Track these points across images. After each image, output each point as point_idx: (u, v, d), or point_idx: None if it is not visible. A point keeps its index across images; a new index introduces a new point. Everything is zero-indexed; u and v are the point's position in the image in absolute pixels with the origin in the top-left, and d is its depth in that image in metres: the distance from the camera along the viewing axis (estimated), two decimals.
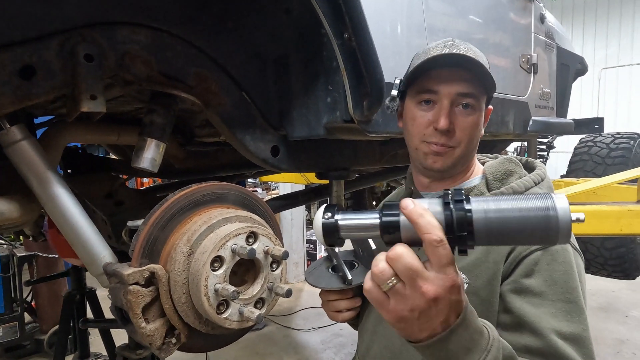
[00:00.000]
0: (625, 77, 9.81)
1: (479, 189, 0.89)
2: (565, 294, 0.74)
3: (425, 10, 1.61)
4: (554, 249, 0.77)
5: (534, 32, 2.34)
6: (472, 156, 0.93)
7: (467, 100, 0.84)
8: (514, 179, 0.89)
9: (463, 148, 0.87)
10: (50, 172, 1.00)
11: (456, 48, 0.85)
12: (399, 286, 0.54)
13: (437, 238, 0.52)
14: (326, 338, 3.96)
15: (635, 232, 1.83)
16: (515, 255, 0.78)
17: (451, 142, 0.86)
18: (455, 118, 0.85)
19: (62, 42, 0.94)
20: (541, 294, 0.75)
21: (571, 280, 0.76)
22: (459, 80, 0.84)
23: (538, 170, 0.92)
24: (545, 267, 0.76)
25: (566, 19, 10.51)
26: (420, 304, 0.53)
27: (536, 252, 0.77)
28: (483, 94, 0.87)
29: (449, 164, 0.88)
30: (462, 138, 0.86)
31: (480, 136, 0.91)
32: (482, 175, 0.93)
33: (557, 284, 0.75)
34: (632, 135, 3.04)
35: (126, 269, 0.82)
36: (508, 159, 0.94)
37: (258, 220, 0.95)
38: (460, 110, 0.85)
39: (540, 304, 0.74)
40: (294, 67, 1.32)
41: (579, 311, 0.74)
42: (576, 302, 0.74)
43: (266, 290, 0.91)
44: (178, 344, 0.87)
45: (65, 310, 2.09)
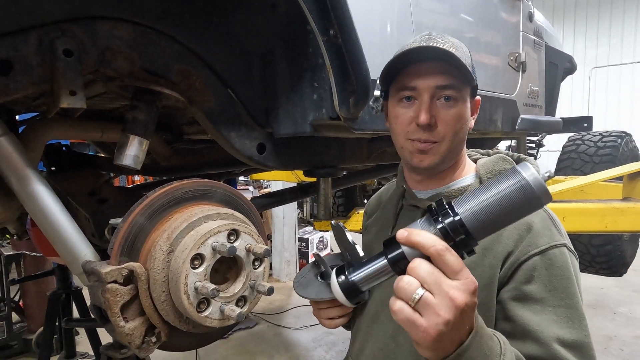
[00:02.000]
0: (615, 77, 9.90)
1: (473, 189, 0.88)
2: (565, 300, 0.74)
3: (412, 8, 1.61)
4: (552, 253, 0.76)
5: (523, 31, 2.35)
6: (460, 151, 0.90)
7: (448, 93, 0.82)
8: None
9: (448, 142, 0.85)
10: (29, 169, 0.98)
11: (432, 41, 0.84)
12: (427, 296, 0.52)
13: (442, 247, 0.53)
14: (317, 336, 3.96)
15: (620, 229, 1.84)
16: (512, 261, 0.77)
17: (434, 137, 0.84)
18: (437, 112, 0.83)
19: (40, 36, 0.92)
20: (542, 300, 0.74)
21: (571, 285, 0.75)
22: (437, 73, 0.82)
23: None
24: (544, 272, 0.75)
25: (557, 18, 10.58)
26: (453, 313, 0.52)
27: (534, 258, 0.76)
28: (465, 84, 0.84)
29: (435, 161, 0.86)
30: (446, 132, 0.84)
31: (469, 129, 0.89)
32: (475, 174, 0.92)
33: (558, 289, 0.75)
34: (619, 133, 3.07)
35: (104, 267, 0.81)
36: (501, 157, 0.92)
37: (240, 217, 0.95)
38: (442, 103, 0.83)
39: (542, 310, 0.74)
40: (280, 63, 1.31)
41: (579, 317, 0.74)
42: (576, 307, 0.74)
43: (248, 288, 0.90)
44: (158, 343, 0.86)
45: (51, 310, 2.06)
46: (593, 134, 3.17)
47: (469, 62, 0.85)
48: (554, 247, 0.77)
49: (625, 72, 9.74)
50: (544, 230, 0.79)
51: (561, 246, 0.78)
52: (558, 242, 0.78)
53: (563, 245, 0.79)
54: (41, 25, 0.92)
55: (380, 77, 0.89)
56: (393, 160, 2.09)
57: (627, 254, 2.97)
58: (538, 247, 0.77)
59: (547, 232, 0.79)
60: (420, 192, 0.94)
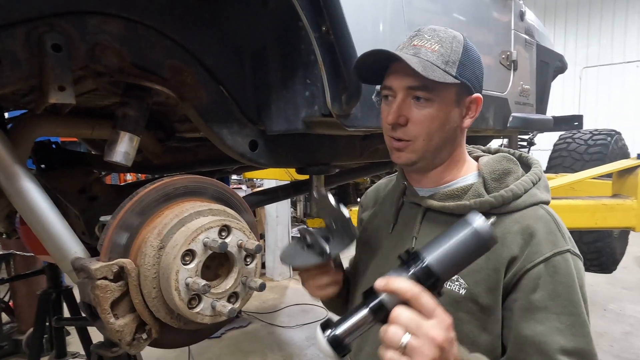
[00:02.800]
0: (606, 76, 10.00)
1: (477, 190, 0.85)
2: (569, 307, 0.75)
3: (405, 6, 1.61)
4: (556, 260, 0.77)
5: (514, 29, 2.36)
6: (448, 150, 0.89)
7: (418, 93, 0.82)
8: (512, 179, 0.86)
9: (423, 142, 0.84)
10: (17, 166, 0.97)
11: (417, 38, 0.84)
12: (412, 341, 0.58)
13: (417, 290, 0.60)
14: (311, 335, 3.95)
15: (610, 226, 1.86)
16: (518, 269, 0.78)
17: (406, 136, 0.85)
18: (409, 111, 0.83)
19: (28, 31, 0.91)
20: (546, 308, 0.75)
21: (574, 293, 0.76)
22: (409, 73, 0.81)
23: (535, 169, 0.89)
24: (549, 279, 0.76)
25: (549, 18, 10.66)
26: (436, 350, 0.58)
27: (538, 266, 0.76)
28: (443, 84, 0.81)
29: (412, 159, 0.86)
30: (418, 131, 0.84)
31: (459, 128, 0.87)
32: (477, 173, 0.91)
33: (561, 296, 0.76)
34: (609, 132, 3.10)
35: (94, 264, 0.80)
36: (505, 156, 0.91)
37: (232, 213, 0.94)
38: (415, 103, 0.83)
39: (546, 318, 0.75)
40: (272, 60, 1.30)
41: (582, 324, 0.75)
42: (579, 315, 0.75)
43: (240, 284, 0.90)
44: (149, 340, 0.86)
45: (41, 309, 2.04)
46: (583, 132, 3.20)
47: (455, 58, 0.82)
48: (558, 254, 0.78)
49: (615, 72, 9.85)
50: (548, 235, 0.79)
51: (565, 252, 0.78)
52: (562, 249, 0.78)
53: (567, 252, 0.79)
54: (29, 20, 0.91)
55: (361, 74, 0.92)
56: (386, 158, 2.08)
57: (617, 251, 3.00)
58: (542, 254, 0.77)
59: (551, 237, 0.79)
60: (421, 189, 0.93)
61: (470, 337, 0.79)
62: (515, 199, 0.82)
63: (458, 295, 0.80)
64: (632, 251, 5.64)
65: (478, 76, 0.87)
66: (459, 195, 0.87)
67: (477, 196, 0.84)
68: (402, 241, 0.92)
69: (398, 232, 0.95)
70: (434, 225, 0.89)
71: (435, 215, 0.89)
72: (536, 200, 0.84)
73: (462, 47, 0.85)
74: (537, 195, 0.84)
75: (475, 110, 0.88)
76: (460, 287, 0.80)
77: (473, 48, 0.87)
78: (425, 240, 0.85)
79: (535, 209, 0.83)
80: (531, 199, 0.83)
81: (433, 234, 0.86)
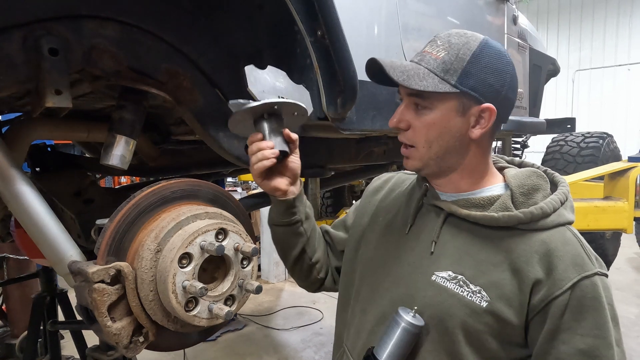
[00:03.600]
0: (598, 79, 10.12)
1: (504, 202, 0.84)
2: (594, 330, 0.75)
3: (399, 10, 1.63)
4: (583, 284, 0.76)
5: (507, 33, 2.39)
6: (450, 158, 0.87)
7: (416, 100, 0.84)
8: (541, 196, 0.85)
9: (424, 148, 0.85)
10: (13, 169, 0.97)
11: (430, 44, 0.85)
12: None
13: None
14: (306, 337, 3.95)
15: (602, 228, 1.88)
16: (545, 295, 0.77)
17: (407, 140, 0.87)
18: (411, 117, 0.86)
19: (25, 34, 0.91)
20: (570, 329, 0.76)
21: (600, 316, 0.76)
22: None
23: (562, 188, 0.88)
24: (575, 303, 0.76)
25: (542, 22, 10.77)
26: None
27: (566, 293, 0.76)
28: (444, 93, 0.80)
29: (416, 165, 0.88)
30: (417, 138, 0.85)
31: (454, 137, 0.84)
32: (504, 185, 0.89)
33: (587, 319, 0.76)
34: (601, 134, 3.14)
35: (91, 267, 0.80)
36: (535, 171, 0.89)
37: (228, 216, 0.95)
38: (415, 109, 0.85)
39: (570, 338, 0.76)
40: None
41: (607, 347, 0.75)
42: (605, 338, 0.75)
43: (236, 287, 0.90)
44: (146, 343, 0.86)
45: (35, 313, 2.03)
46: (576, 135, 3.24)
47: (459, 66, 0.80)
48: (586, 278, 0.77)
49: (607, 75, 9.96)
50: (575, 259, 0.78)
51: (592, 276, 0.78)
52: (589, 272, 0.78)
53: (594, 275, 0.78)
54: (26, 24, 0.91)
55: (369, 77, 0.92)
56: (381, 161, 2.10)
57: (609, 252, 3.03)
58: (570, 280, 0.76)
59: (578, 261, 0.78)
60: (443, 193, 0.92)
61: (487, 346, 0.80)
62: (544, 218, 0.81)
63: (479, 307, 0.79)
64: (624, 252, 5.70)
65: (493, 84, 0.81)
66: (483, 205, 0.85)
67: (504, 209, 0.83)
68: (419, 245, 0.91)
69: (415, 234, 0.93)
70: (455, 232, 0.87)
71: (458, 221, 0.88)
72: (563, 221, 0.83)
73: (470, 54, 0.81)
74: (564, 216, 0.83)
75: (489, 120, 0.83)
76: (482, 299, 0.80)
77: (492, 54, 0.82)
78: (445, 246, 0.87)
79: (563, 230, 0.82)
80: (559, 219, 0.82)
81: (455, 240, 0.86)
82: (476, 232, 0.85)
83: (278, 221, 1.03)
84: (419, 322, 0.81)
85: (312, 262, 1.08)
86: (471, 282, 0.81)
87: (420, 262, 0.89)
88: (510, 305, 0.79)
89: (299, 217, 1.03)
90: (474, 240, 0.85)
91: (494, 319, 0.79)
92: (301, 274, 1.10)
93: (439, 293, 0.84)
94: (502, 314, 0.79)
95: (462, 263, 0.84)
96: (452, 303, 0.82)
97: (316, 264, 1.09)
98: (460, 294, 0.81)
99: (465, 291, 0.81)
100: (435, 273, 0.85)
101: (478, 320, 0.79)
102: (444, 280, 0.84)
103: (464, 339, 0.80)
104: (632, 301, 4.64)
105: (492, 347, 0.80)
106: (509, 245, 0.82)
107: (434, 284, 0.85)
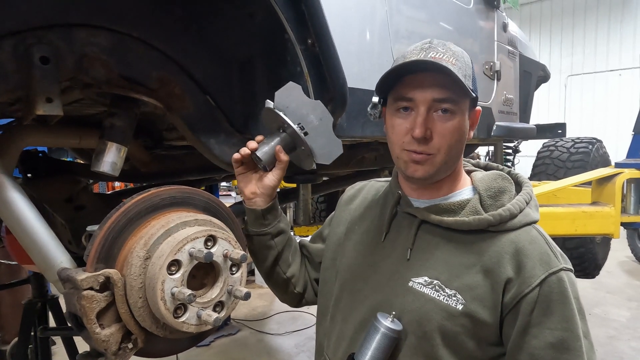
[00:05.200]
0: (590, 84, 10.24)
1: (474, 206, 0.87)
2: (562, 323, 0.78)
3: (390, 17, 1.65)
4: (550, 280, 0.79)
5: (497, 40, 2.42)
6: (457, 162, 0.91)
7: (445, 106, 0.82)
8: (507, 198, 0.88)
9: (443, 155, 0.85)
10: (4, 175, 0.97)
11: (432, 51, 0.83)
12: None
13: None
14: (300, 342, 3.95)
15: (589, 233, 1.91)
16: (515, 293, 0.80)
17: (430, 150, 0.84)
18: (434, 124, 0.83)
19: (16, 43, 0.92)
20: (540, 324, 0.78)
21: (567, 309, 0.79)
22: (435, 85, 0.82)
23: (526, 189, 0.92)
24: (544, 299, 0.79)
25: (534, 28, 10.89)
26: None
27: (534, 290, 0.79)
28: (463, 96, 0.84)
29: (430, 172, 0.86)
30: (442, 144, 0.84)
31: (466, 140, 0.89)
32: (472, 188, 0.92)
33: (555, 313, 0.78)
34: (590, 140, 3.17)
35: (80, 274, 0.80)
36: (500, 174, 0.93)
37: (218, 223, 0.95)
38: (438, 115, 0.83)
39: (540, 332, 0.78)
40: (259, 70, 1.33)
41: (575, 339, 0.78)
42: (572, 330, 0.78)
43: (225, 293, 0.91)
44: (135, 349, 0.86)
45: (26, 319, 2.02)
46: (566, 140, 3.28)
47: (469, 72, 0.85)
48: (552, 274, 0.80)
49: (598, 80, 10.08)
50: (542, 256, 0.81)
51: (558, 272, 0.81)
52: (555, 268, 0.81)
53: (560, 270, 0.81)
54: (17, 32, 0.92)
55: (377, 85, 0.89)
56: (372, 166, 2.12)
57: (599, 257, 3.06)
58: (538, 277, 0.79)
59: (545, 258, 0.81)
60: (416, 200, 0.94)
61: (463, 346, 0.82)
62: (512, 219, 0.85)
63: (455, 310, 0.81)
64: (616, 256, 5.76)
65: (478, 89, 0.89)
66: (454, 210, 0.88)
67: (474, 213, 0.86)
68: (395, 252, 0.93)
69: (391, 241, 0.95)
70: (429, 238, 0.89)
71: (431, 227, 0.90)
72: (529, 220, 0.86)
73: (470, 61, 0.87)
74: (530, 215, 0.87)
75: (475, 123, 0.92)
76: (458, 302, 0.82)
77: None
78: (420, 252, 0.89)
79: (529, 229, 0.86)
80: (525, 218, 0.86)
81: (429, 246, 0.89)
82: (449, 237, 0.88)
83: (249, 230, 1.07)
84: (397, 326, 0.83)
85: (286, 276, 1.09)
86: (446, 286, 0.83)
87: (396, 269, 0.91)
88: (484, 306, 0.81)
89: (269, 230, 1.06)
90: (447, 245, 0.87)
91: (470, 321, 0.81)
92: (278, 287, 1.12)
93: (416, 299, 0.85)
94: (477, 315, 0.81)
95: (437, 268, 0.86)
96: (429, 308, 0.83)
97: (291, 278, 1.10)
98: (436, 298, 0.83)
99: (441, 295, 0.83)
100: (412, 279, 0.87)
101: (455, 322, 0.81)
102: (420, 286, 0.86)
103: (441, 341, 0.82)
104: (623, 304, 4.68)
105: (468, 347, 0.82)
106: (480, 248, 0.84)
107: (411, 290, 0.87)
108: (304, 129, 1.01)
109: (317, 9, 1.15)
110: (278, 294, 1.15)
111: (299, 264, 1.13)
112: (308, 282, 1.14)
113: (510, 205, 0.86)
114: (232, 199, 6.65)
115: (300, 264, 1.14)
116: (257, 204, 1.04)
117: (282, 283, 1.10)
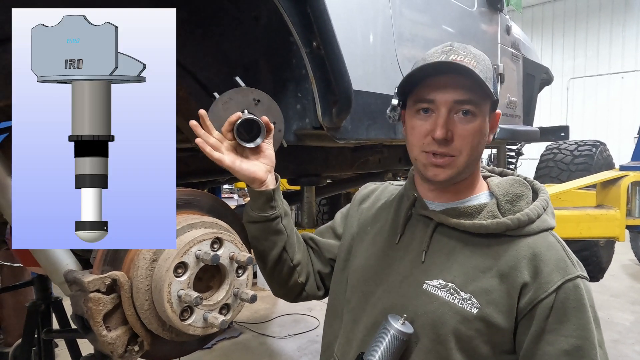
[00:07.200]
0: (592, 87, 10.23)
1: (491, 210, 0.87)
2: (577, 331, 0.78)
3: (393, 20, 1.66)
4: (566, 287, 0.79)
5: (501, 43, 2.42)
6: (477, 165, 0.90)
7: (466, 107, 0.82)
8: (524, 204, 0.88)
9: (465, 156, 0.84)
10: (8, 177, 0.98)
11: (453, 53, 0.83)
12: None
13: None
14: (302, 345, 3.94)
15: (594, 236, 1.90)
16: (531, 298, 0.80)
17: (451, 151, 0.84)
18: (454, 126, 0.83)
19: None
20: (555, 331, 0.78)
21: (583, 317, 0.79)
22: (456, 87, 0.82)
23: (543, 195, 0.91)
24: (559, 305, 0.78)
25: (536, 31, 10.89)
26: None
27: (550, 296, 0.79)
28: (484, 98, 0.84)
29: (451, 175, 0.86)
30: (463, 146, 0.83)
31: (487, 143, 0.89)
32: (489, 193, 0.92)
33: (570, 321, 0.78)
34: (594, 142, 3.16)
35: (87, 276, 0.81)
36: (517, 180, 0.93)
37: (224, 226, 0.95)
38: (459, 117, 0.83)
39: (555, 340, 0.78)
40: (264, 73, 1.33)
41: (590, 347, 0.78)
42: (587, 338, 0.78)
43: (231, 296, 0.91)
44: (141, 352, 0.86)
45: (29, 321, 2.02)
46: (569, 143, 3.27)
47: (490, 75, 0.85)
48: (568, 281, 0.80)
49: (601, 83, 10.08)
50: (559, 263, 0.81)
51: (575, 279, 0.80)
52: (571, 275, 0.80)
53: (577, 277, 0.81)
54: None
55: (398, 87, 0.89)
56: (376, 169, 2.12)
57: (603, 260, 3.05)
58: (554, 283, 0.79)
59: (561, 264, 0.81)
60: (432, 202, 0.93)
61: (478, 351, 0.81)
62: (530, 224, 0.85)
63: (470, 314, 0.81)
64: (619, 259, 5.74)
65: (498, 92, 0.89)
66: (472, 214, 0.87)
67: (492, 217, 0.86)
68: (410, 254, 0.92)
69: (405, 244, 0.94)
70: (445, 240, 0.89)
71: (447, 230, 0.89)
72: (546, 227, 0.86)
73: (490, 63, 0.87)
74: (547, 222, 0.87)
75: (496, 126, 0.91)
76: (473, 306, 0.81)
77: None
78: (435, 255, 0.88)
79: (546, 235, 0.85)
80: (542, 224, 0.86)
81: (444, 249, 0.88)
82: (465, 240, 0.87)
83: (256, 217, 0.98)
84: (407, 329, 0.82)
85: (293, 264, 1.03)
86: (461, 290, 0.83)
87: (411, 272, 0.90)
88: (499, 311, 0.80)
89: (279, 212, 0.99)
90: (463, 249, 0.87)
91: (485, 325, 0.80)
92: (280, 278, 1.05)
93: (431, 301, 0.85)
94: (492, 320, 0.80)
95: (452, 271, 0.85)
96: (443, 311, 0.83)
97: (297, 266, 1.04)
98: (451, 301, 0.83)
99: (456, 299, 0.83)
100: (426, 282, 0.87)
101: (469, 326, 0.81)
102: (435, 289, 0.85)
103: (455, 345, 0.81)
104: (627, 308, 4.66)
105: (483, 352, 0.81)
106: (497, 252, 0.84)
107: (425, 293, 0.86)
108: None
109: (323, 12, 1.15)
110: (278, 286, 1.08)
111: (303, 252, 1.08)
112: (311, 273, 1.09)
113: (528, 210, 0.85)
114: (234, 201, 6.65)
115: (305, 253, 1.09)
116: (269, 182, 0.97)
117: (287, 272, 1.04)
